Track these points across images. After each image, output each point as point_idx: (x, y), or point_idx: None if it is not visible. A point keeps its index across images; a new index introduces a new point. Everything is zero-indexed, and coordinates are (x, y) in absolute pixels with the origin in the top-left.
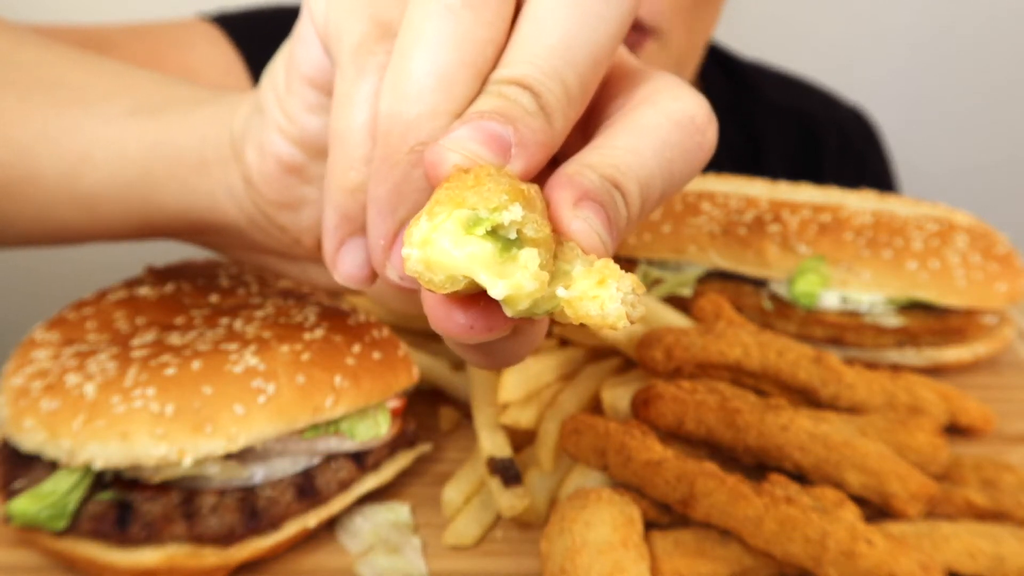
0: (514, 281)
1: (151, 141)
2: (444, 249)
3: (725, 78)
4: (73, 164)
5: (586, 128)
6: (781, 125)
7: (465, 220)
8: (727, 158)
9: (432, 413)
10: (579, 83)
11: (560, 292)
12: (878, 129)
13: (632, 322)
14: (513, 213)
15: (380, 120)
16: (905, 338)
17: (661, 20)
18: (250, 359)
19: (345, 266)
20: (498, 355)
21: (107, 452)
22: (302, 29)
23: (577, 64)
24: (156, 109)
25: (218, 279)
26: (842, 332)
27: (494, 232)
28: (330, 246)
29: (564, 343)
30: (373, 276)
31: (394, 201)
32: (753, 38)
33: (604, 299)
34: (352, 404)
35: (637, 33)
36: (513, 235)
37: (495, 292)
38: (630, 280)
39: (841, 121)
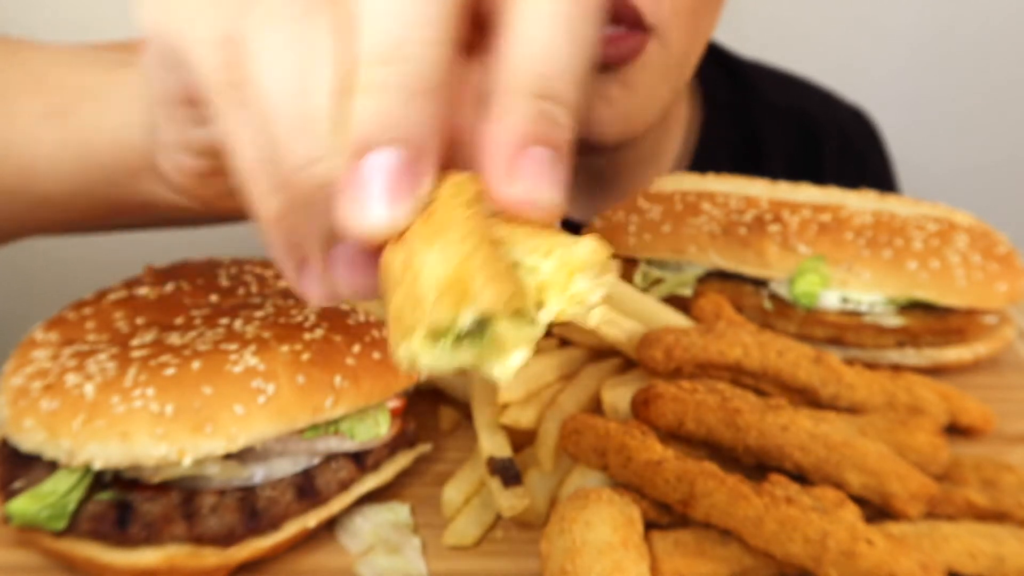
0: (506, 368)
1: (75, 151)
2: (431, 364)
3: (725, 77)
4: (23, 167)
5: (471, 46)
6: (781, 125)
7: (429, 335)
8: (727, 158)
9: (432, 413)
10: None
11: (542, 317)
12: (878, 129)
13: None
14: (464, 319)
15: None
16: (905, 338)
17: (661, 19)
18: (250, 359)
19: (313, 292)
20: None
21: (107, 452)
22: (147, 58)
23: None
24: (68, 110)
25: (218, 279)
26: (842, 332)
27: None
28: (290, 276)
29: (564, 343)
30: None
31: (304, 246)
32: (754, 37)
33: (581, 297)
34: (352, 404)
35: (639, 33)
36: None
37: (498, 377)
38: (590, 259)
39: (842, 121)
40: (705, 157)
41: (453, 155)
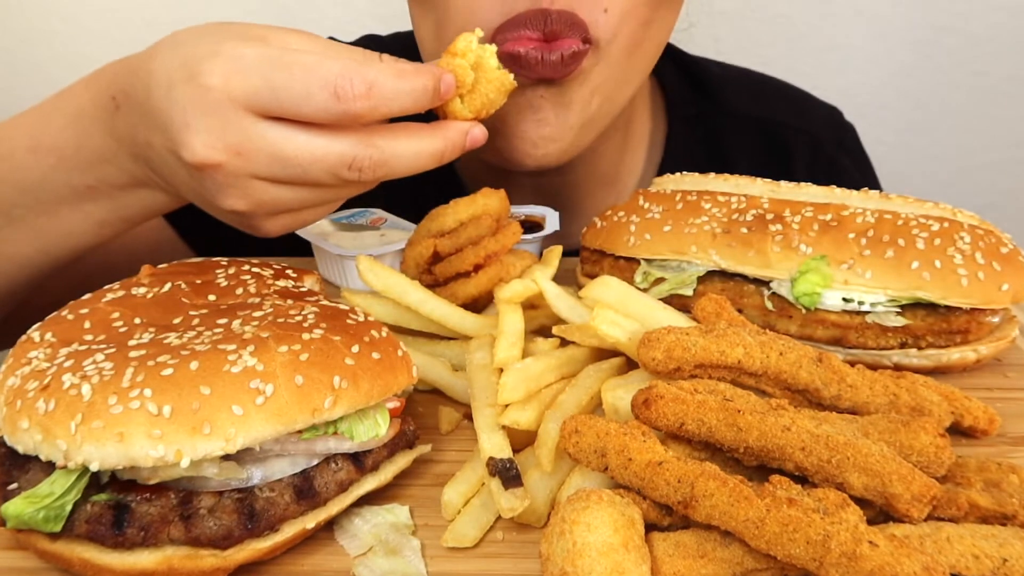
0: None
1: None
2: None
3: (690, 88)
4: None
5: None
6: (748, 136)
7: None
8: (691, 171)
9: (432, 413)
10: None
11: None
12: (852, 131)
13: None
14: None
15: None
16: (908, 338)
17: (605, 32)
18: (248, 359)
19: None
20: None
21: (104, 453)
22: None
23: None
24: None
25: (216, 279)
26: (844, 332)
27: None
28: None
29: (564, 343)
30: None
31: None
32: (756, 37)
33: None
34: (351, 405)
35: (579, 42)
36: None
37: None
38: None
39: (812, 127)
40: (670, 172)
41: None
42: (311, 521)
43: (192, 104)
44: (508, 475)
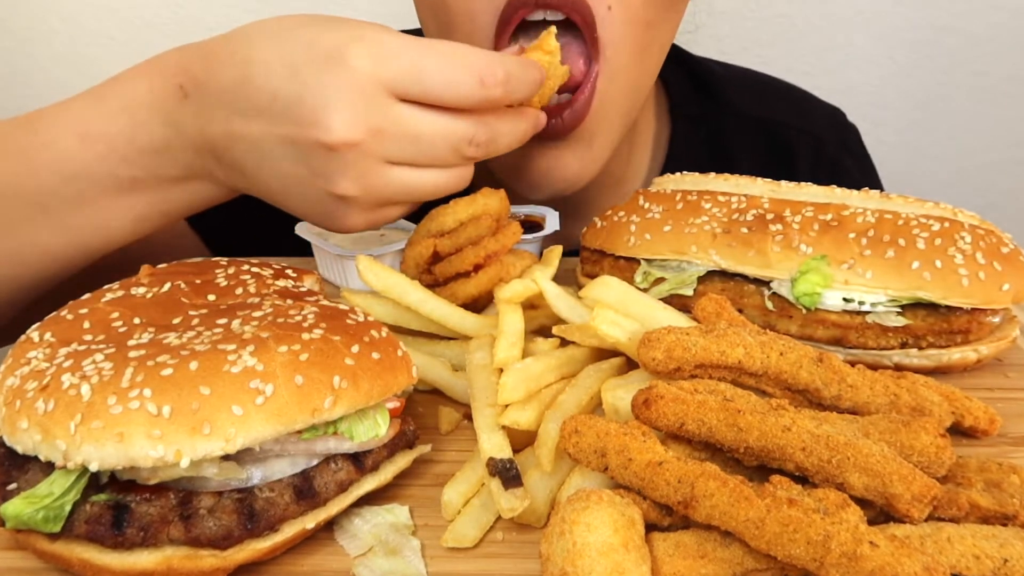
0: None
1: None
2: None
3: (693, 89)
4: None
5: None
6: (751, 137)
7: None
8: (693, 172)
9: (432, 413)
10: None
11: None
12: (854, 131)
13: None
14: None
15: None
16: (908, 338)
17: (612, 37)
18: (248, 359)
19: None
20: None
21: (103, 453)
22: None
23: None
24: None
25: (215, 279)
26: (844, 332)
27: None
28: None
29: (564, 343)
30: None
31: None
32: (756, 37)
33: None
34: (351, 405)
35: (584, 92)
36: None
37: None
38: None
39: (815, 127)
40: (674, 172)
41: None
42: (311, 521)
43: (334, 85)
44: (508, 475)
